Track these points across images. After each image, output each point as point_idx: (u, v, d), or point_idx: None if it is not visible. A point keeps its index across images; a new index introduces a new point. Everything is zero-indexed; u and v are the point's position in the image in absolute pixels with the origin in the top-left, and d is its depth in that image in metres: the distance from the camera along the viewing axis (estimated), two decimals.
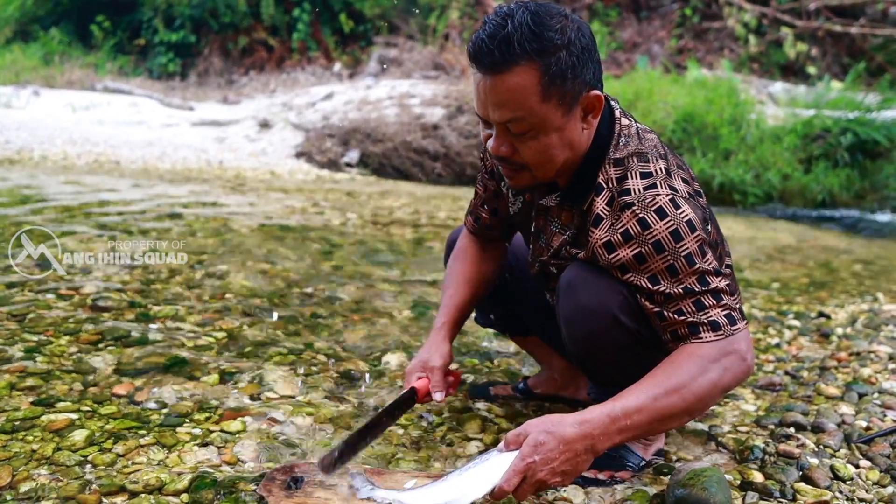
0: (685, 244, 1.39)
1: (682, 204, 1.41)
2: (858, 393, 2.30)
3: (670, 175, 1.46)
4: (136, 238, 3.86)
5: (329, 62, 13.37)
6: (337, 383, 2.15)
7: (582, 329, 1.51)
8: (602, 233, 1.45)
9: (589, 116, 1.46)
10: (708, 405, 1.44)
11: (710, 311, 1.41)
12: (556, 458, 1.31)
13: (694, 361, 1.38)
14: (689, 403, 1.37)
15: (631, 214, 1.41)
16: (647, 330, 1.49)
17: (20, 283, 2.90)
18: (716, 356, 1.38)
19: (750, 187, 7.72)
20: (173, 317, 2.65)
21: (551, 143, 1.43)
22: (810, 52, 11.96)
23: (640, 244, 1.40)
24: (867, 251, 5.82)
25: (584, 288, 1.48)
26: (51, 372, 2.05)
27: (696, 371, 1.37)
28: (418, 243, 4.44)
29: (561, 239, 1.60)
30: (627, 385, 1.49)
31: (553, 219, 1.62)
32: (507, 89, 1.36)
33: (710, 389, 1.38)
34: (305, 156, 8.70)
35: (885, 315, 3.32)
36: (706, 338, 1.40)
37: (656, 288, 1.42)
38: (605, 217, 1.46)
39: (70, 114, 9.96)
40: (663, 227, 1.39)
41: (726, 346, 1.39)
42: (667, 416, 1.37)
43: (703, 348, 1.39)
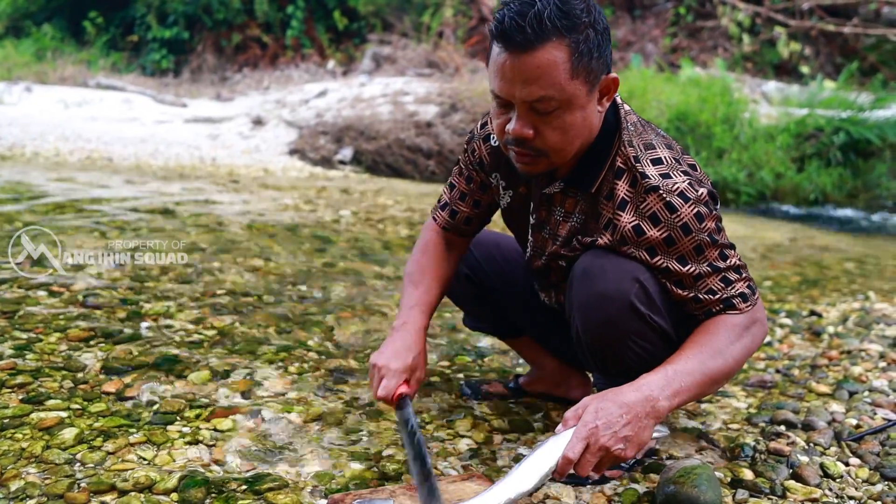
0: (706, 224, 1.44)
1: (698, 186, 1.44)
2: (849, 391, 2.31)
3: (679, 162, 1.49)
4: (129, 236, 3.84)
5: (323, 59, 13.34)
6: (328, 380, 2.15)
7: (598, 316, 1.51)
8: (629, 216, 1.47)
9: (604, 99, 1.48)
10: (739, 370, 1.54)
11: (736, 284, 1.50)
12: (618, 423, 1.32)
13: (730, 329, 1.48)
14: (730, 367, 1.46)
15: (657, 198, 1.44)
16: (660, 318, 1.52)
17: (10, 279, 2.88)
18: (746, 324, 1.49)
19: (743, 186, 7.73)
20: (164, 314, 2.64)
21: (575, 123, 1.43)
22: (803, 51, 11.98)
23: (669, 228, 1.44)
24: (859, 250, 5.83)
25: (600, 275, 1.49)
26: (40, 369, 2.04)
27: (733, 337, 1.47)
28: (411, 240, 4.44)
29: (568, 227, 1.60)
30: (634, 374, 1.50)
31: (556, 208, 1.62)
32: (538, 66, 1.35)
33: (745, 354, 1.49)
34: (299, 153, 8.68)
35: (877, 314, 3.33)
36: (739, 309, 1.50)
37: (686, 269, 1.47)
38: (630, 200, 1.48)
39: (62, 110, 9.91)
40: (688, 209, 1.43)
41: (753, 315, 1.50)
42: (713, 378, 1.44)
43: (735, 318, 1.49)
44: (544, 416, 2.01)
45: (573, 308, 1.57)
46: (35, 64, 12.56)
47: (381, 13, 13.42)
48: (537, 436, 1.88)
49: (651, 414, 1.35)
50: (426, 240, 1.90)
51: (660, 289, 1.50)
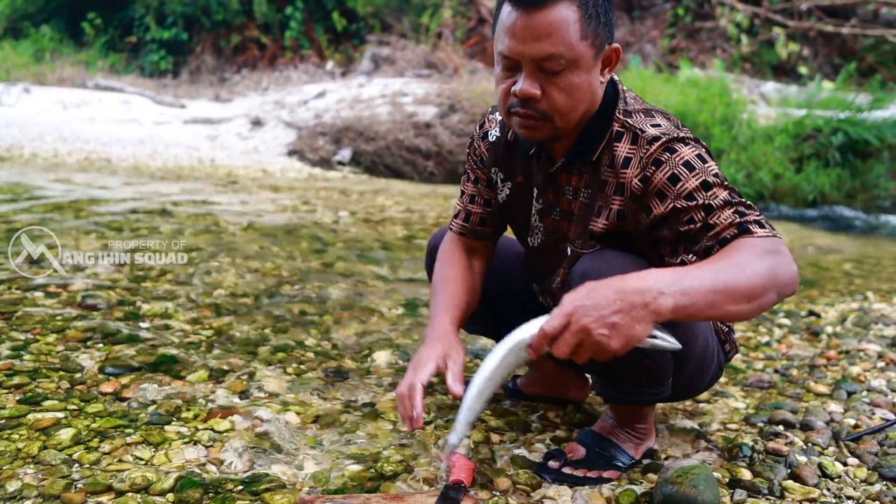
0: (710, 165, 1.43)
1: (698, 143, 1.47)
2: (847, 391, 2.31)
3: (678, 127, 1.51)
4: (127, 236, 3.84)
5: (322, 60, 13.34)
6: (326, 381, 2.14)
7: None
8: (634, 170, 1.47)
9: (606, 70, 1.50)
10: (765, 297, 1.31)
11: (751, 215, 1.39)
12: (608, 306, 1.21)
13: (750, 248, 1.33)
14: (750, 282, 1.28)
15: (659, 145, 1.45)
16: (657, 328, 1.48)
17: (8, 280, 2.88)
18: (770, 248, 1.33)
19: (742, 186, 7.73)
20: (162, 314, 2.63)
21: (581, 86, 1.45)
22: (802, 52, 11.99)
23: (672, 166, 1.43)
24: (858, 250, 5.84)
25: (598, 279, 1.47)
26: (37, 370, 2.04)
27: (753, 255, 1.31)
28: (409, 241, 4.44)
29: (579, 204, 1.61)
30: (634, 381, 1.50)
31: (565, 187, 1.62)
32: (550, 23, 1.38)
33: (769, 275, 1.29)
34: (297, 154, 8.68)
35: (875, 314, 3.34)
36: (757, 233, 1.36)
37: (694, 203, 1.41)
38: (633, 155, 1.48)
39: (61, 111, 9.91)
40: (690, 151, 1.44)
41: (777, 244, 1.35)
42: (728, 290, 1.26)
43: (755, 240, 1.35)
44: (542, 416, 2.00)
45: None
46: (33, 65, 12.55)
47: (379, 14, 13.43)
48: (535, 436, 1.88)
49: (649, 307, 1.22)
50: (444, 251, 1.86)
51: None
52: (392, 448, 1.74)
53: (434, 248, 1.97)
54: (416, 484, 1.59)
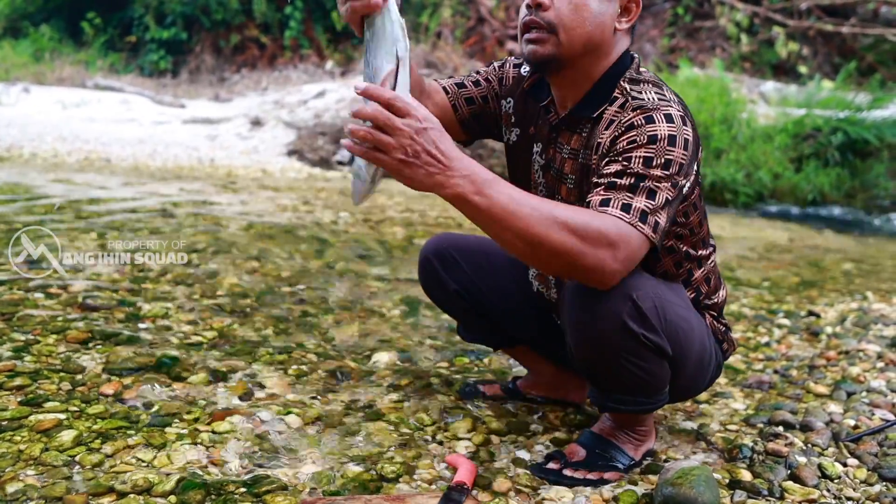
0: (674, 151, 1.42)
1: (689, 124, 1.46)
2: (847, 391, 2.32)
3: (684, 107, 1.51)
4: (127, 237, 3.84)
5: (321, 60, 13.33)
6: (327, 382, 2.15)
7: (590, 335, 1.50)
8: (609, 131, 1.49)
9: (623, 19, 1.54)
10: (542, 254, 1.33)
11: (637, 198, 1.39)
12: (415, 146, 1.24)
13: (586, 215, 1.35)
14: (545, 233, 1.30)
15: (641, 111, 1.46)
16: (655, 335, 1.49)
17: (8, 281, 2.88)
18: (611, 237, 1.34)
19: (741, 186, 7.74)
20: (163, 316, 2.64)
21: (588, 5, 1.48)
22: (801, 51, 11.99)
23: (638, 133, 1.43)
24: (857, 250, 5.85)
25: (592, 293, 1.46)
26: (39, 371, 2.04)
27: (580, 220, 1.33)
28: (409, 241, 4.44)
29: (571, 165, 1.61)
30: (630, 390, 1.50)
31: (563, 145, 1.63)
32: None
33: (562, 242, 1.31)
34: (297, 154, 8.68)
35: (875, 314, 3.34)
36: (611, 212, 1.37)
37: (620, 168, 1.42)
38: (616, 119, 1.49)
39: (60, 111, 9.90)
40: (666, 128, 1.42)
41: (629, 241, 1.36)
42: (519, 212, 1.30)
43: (605, 218, 1.36)
44: (542, 418, 2.01)
45: (566, 325, 1.56)
46: (33, 65, 12.54)
47: None
48: (536, 437, 1.88)
49: (442, 174, 1.26)
50: None
51: (654, 305, 1.47)
52: (393, 449, 1.75)
53: (427, 260, 1.97)
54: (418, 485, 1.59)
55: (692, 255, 1.66)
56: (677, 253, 1.64)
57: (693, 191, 1.57)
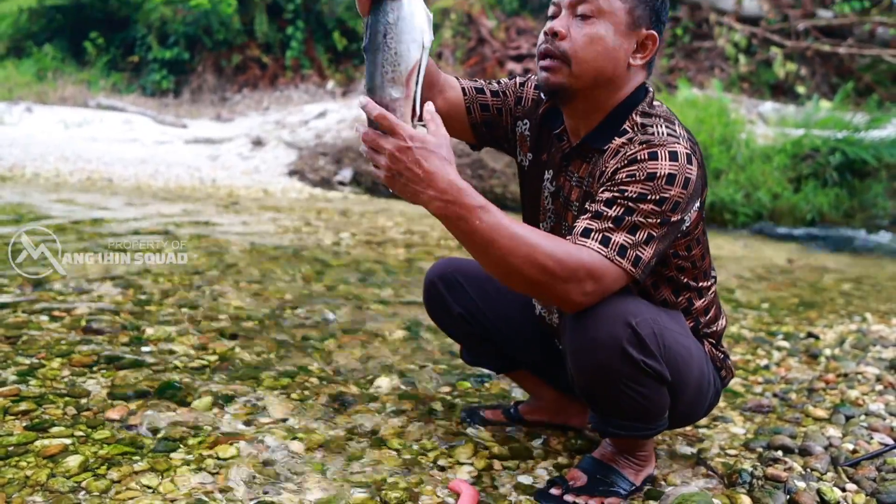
0: (671, 191, 1.44)
1: (694, 163, 1.48)
2: (846, 415, 2.33)
3: (693, 143, 1.54)
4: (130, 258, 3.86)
5: (322, 80, 13.43)
6: (330, 407, 2.16)
7: (590, 361, 1.53)
8: (614, 161, 1.51)
9: (638, 55, 1.57)
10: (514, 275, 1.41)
11: (618, 232, 1.43)
12: (396, 165, 1.34)
13: (562, 245, 1.41)
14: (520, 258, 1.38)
15: (646, 146, 1.48)
16: (654, 361, 1.51)
17: (13, 303, 2.91)
18: (587, 271, 1.40)
19: (740, 206, 7.78)
20: (166, 339, 2.65)
21: (603, 39, 1.52)
22: (799, 71, 12.08)
23: (639, 168, 1.45)
24: (856, 270, 5.87)
25: (591, 320, 1.49)
26: (44, 395, 2.06)
27: (555, 248, 1.39)
28: (411, 263, 4.46)
29: (578, 192, 1.65)
30: (629, 415, 1.53)
31: (572, 173, 1.66)
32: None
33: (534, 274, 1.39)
34: (298, 174, 8.73)
35: (873, 335, 3.36)
36: (590, 244, 1.43)
37: (611, 197, 1.46)
38: (622, 150, 1.52)
39: (63, 130, 9.97)
40: (668, 166, 1.45)
41: (604, 277, 1.42)
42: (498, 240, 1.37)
43: (587, 253, 1.41)
44: (543, 443, 2.02)
45: (566, 351, 1.59)
46: (36, 84, 12.63)
47: None
48: (537, 463, 1.90)
49: (424, 192, 1.35)
50: None
51: (653, 332, 1.50)
52: (397, 475, 1.76)
53: (432, 283, 1.99)
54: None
55: (692, 287, 1.69)
56: (678, 284, 1.66)
57: (696, 226, 1.60)
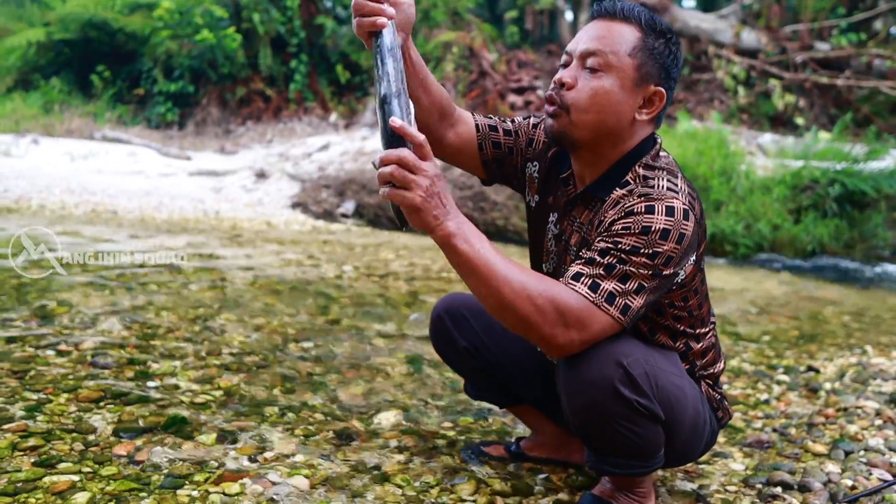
0: (664, 246, 1.48)
1: (691, 219, 1.51)
2: (845, 450, 2.34)
3: (692, 197, 1.57)
4: (135, 291, 3.90)
5: (325, 112, 13.57)
6: (334, 443, 2.19)
7: (582, 401, 1.56)
8: (612, 212, 1.55)
9: (644, 111, 1.60)
10: (505, 311, 1.46)
11: (608, 280, 1.47)
12: (425, 192, 1.39)
13: (553, 286, 1.46)
14: (513, 293, 1.43)
15: (644, 199, 1.51)
16: (647, 400, 1.53)
17: (20, 337, 2.94)
18: (574, 317, 1.45)
19: (741, 238, 7.82)
20: (171, 373, 2.68)
21: (609, 95, 1.56)
22: (798, 103, 12.20)
23: (634, 221, 1.49)
24: (857, 302, 5.88)
25: (584, 361, 1.52)
26: (51, 431, 2.08)
27: (545, 289, 1.45)
28: (413, 297, 4.50)
29: (578, 237, 1.68)
30: (625, 454, 1.55)
31: (575, 217, 1.70)
32: (609, 30, 1.58)
33: (524, 313, 1.44)
34: (301, 206, 8.79)
35: (874, 368, 3.37)
36: (578, 288, 1.47)
37: (604, 247, 1.50)
38: (621, 201, 1.55)
39: (69, 163, 10.06)
40: (663, 221, 1.48)
41: (591, 322, 1.46)
42: (495, 274, 1.43)
43: (573, 296, 1.46)
44: (545, 479, 2.04)
45: (561, 391, 1.62)
46: (42, 116, 12.77)
47: None
48: (538, 499, 1.91)
49: (444, 216, 1.42)
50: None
51: (645, 372, 1.53)
52: None
53: (439, 318, 2.03)
54: None
55: (690, 333, 1.72)
56: (674, 331, 1.70)
57: (693, 278, 1.63)
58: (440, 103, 1.74)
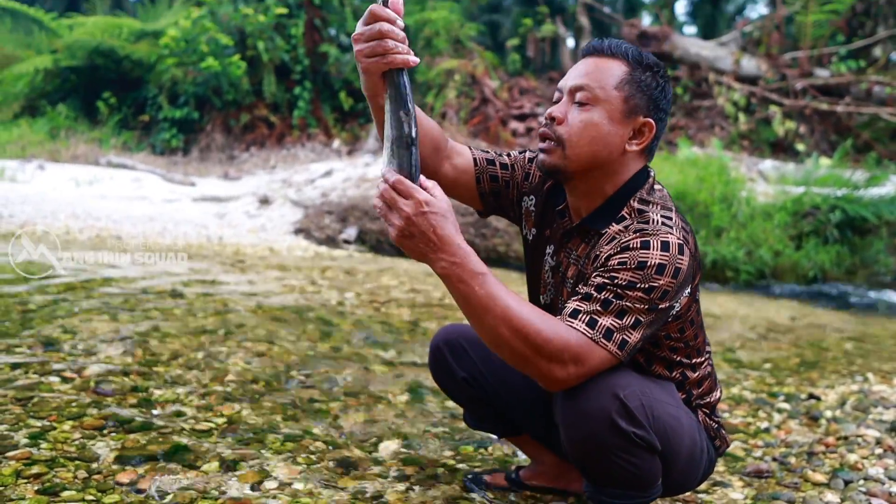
0: (660, 280, 1.50)
1: (686, 253, 1.54)
2: (844, 480, 2.35)
3: (686, 232, 1.60)
4: (138, 317, 3.93)
5: (329, 139, 13.67)
6: (335, 471, 2.20)
7: (580, 433, 1.57)
8: (608, 247, 1.58)
9: (634, 142, 1.64)
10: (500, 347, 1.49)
11: (606, 315, 1.49)
12: (411, 228, 1.41)
13: (551, 323, 1.48)
14: (511, 331, 1.45)
15: (640, 234, 1.55)
16: (644, 432, 1.55)
17: (24, 363, 2.96)
18: (571, 354, 1.47)
19: (742, 264, 7.83)
20: (174, 401, 2.70)
21: (596, 125, 1.61)
22: (798, 129, 12.28)
23: (630, 256, 1.52)
24: (858, 328, 5.88)
25: (581, 393, 1.54)
26: (55, 459, 2.10)
27: (543, 326, 1.46)
28: (415, 324, 4.51)
29: (573, 270, 1.71)
30: (622, 484, 1.57)
31: (571, 250, 1.73)
32: (598, 66, 1.64)
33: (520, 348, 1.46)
34: (304, 232, 8.84)
35: (875, 396, 3.38)
36: (576, 325, 1.49)
37: (600, 283, 1.53)
38: (618, 237, 1.59)
39: (74, 188, 10.12)
40: (659, 256, 1.51)
41: (588, 359, 1.48)
42: (493, 308, 1.45)
43: (572, 334, 1.48)
44: None
45: (559, 423, 1.64)
46: (49, 142, 12.88)
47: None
48: None
49: (435, 251, 1.43)
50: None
51: (641, 403, 1.55)
52: None
53: (437, 348, 2.05)
54: None
55: (686, 363, 1.74)
56: (670, 362, 1.72)
57: (689, 309, 1.66)
58: (431, 135, 1.77)
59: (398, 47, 1.48)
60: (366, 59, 1.49)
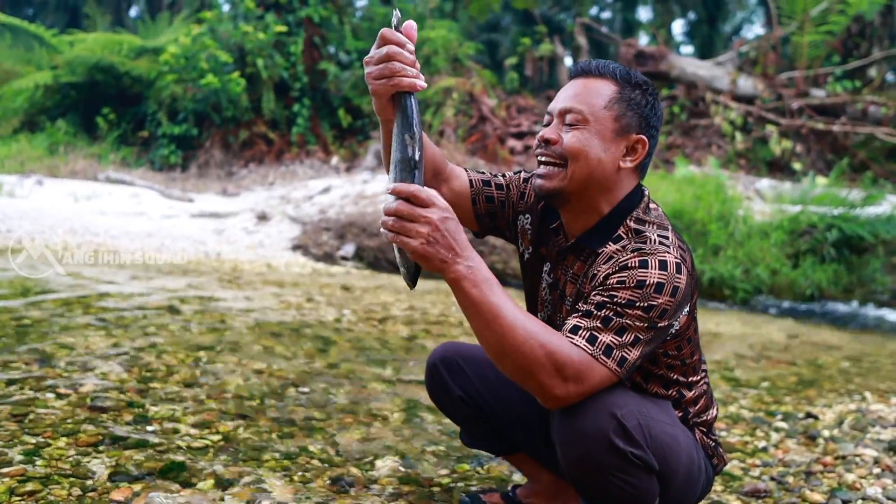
0: (659, 299, 1.51)
1: (683, 272, 1.55)
2: (842, 500, 2.34)
3: (683, 251, 1.61)
4: (135, 334, 3.92)
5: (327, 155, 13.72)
6: (332, 490, 2.19)
7: (577, 452, 1.57)
8: (606, 266, 1.58)
9: (628, 159, 1.66)
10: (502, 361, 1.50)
11: (606, 333, 1.50)
12: (435, 234, 1.42)
13: (554, 338, 1.48)
14: (516, 341, 1.45)
15: (638, 253, 1.56)
16: (641, 451, 1.55)
17: (20, 379, 2.95)
18: (571, 370, 1.47)
19: (739, 283, 7.84)
20: (170, 418, 2.69)
21: (591, 144, 1.62)
22: (795, 148, 12.34)
23: (629, 276, 1.52)
24: (856, 347, 5.88)
25: (579, 412, 1.54)
26: (49, 476, 2.09)
27: (547, 339, 1.46)
28: (412, 341, 4.51)
29: (572, 289, 1.72)
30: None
31: (569, 269, 1.74)
32: (585, 87, 1.65)
33: (526, 357, 1.46)
34: (302, 248, 8.84)
35: (872, 415, 3.37)
36: (577, 341, 1.49)
37: (600, 301, 1.53)
38: (615, 256, 1.59)
39: (72, 203, 10.13)
40: (657, 275, 1.52)
41: (589, 374, 1.48)
42: (503, 317, 1.45)
43: (573, 350, 1.48)
44: None
45: (556, 443, 1.64)
46: (47, 157, 12.92)
47: None
48: None
49: (453, 259, 1.44)
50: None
51: (638, 423, 1.55)
52: None
53: (434, 366, 2.05)
54: None
55: (682, 381, 1.74)
56: (667, 380, 1.72)
57: (687, 327, 1.66)
58: (434, 160, 1.78)
59: (406, 70, 1.50)
60: (374, 81, 1.52)
